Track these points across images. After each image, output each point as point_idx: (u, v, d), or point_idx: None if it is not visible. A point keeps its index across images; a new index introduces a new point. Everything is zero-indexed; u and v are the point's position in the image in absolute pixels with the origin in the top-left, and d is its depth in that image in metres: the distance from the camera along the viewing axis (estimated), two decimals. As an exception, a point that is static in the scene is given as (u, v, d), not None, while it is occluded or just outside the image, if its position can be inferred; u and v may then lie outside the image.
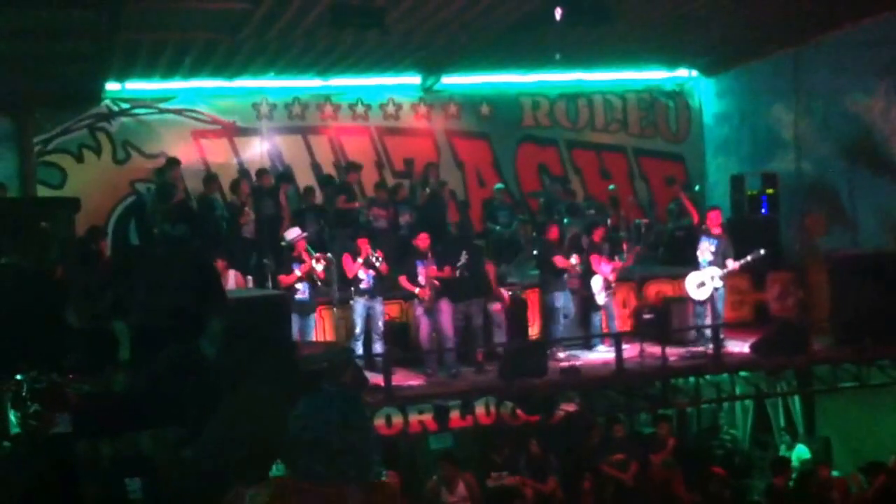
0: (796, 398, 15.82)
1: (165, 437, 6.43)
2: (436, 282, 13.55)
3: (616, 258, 14.94)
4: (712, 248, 14.41)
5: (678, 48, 17.35)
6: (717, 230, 14.56)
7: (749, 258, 14.18)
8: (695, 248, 14.69)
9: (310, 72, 16.61)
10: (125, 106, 16.38)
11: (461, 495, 11.98)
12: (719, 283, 14.34)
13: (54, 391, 5.80)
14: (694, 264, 14.57)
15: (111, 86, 15.94)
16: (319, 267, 13.58)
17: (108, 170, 16.33)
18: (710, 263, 14.36)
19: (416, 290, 13.62)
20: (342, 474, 7.71)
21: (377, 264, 13.53)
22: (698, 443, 15.93)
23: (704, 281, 14.35)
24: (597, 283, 14.58)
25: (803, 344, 13.99)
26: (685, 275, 14.85)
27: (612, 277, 14.66)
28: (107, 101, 16.26)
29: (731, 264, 14.23)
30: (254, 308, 9.15)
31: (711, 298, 14.39)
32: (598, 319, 14.89)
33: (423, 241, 13.83)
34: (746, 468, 15.48)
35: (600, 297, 14.60)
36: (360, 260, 13.54)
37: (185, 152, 16.38)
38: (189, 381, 6.39)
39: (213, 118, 16.89)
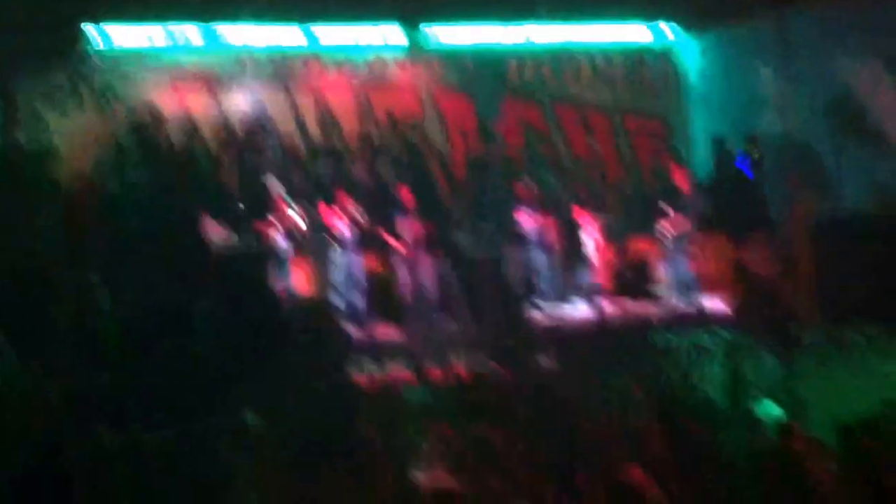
0: (772, 357, 15.93)
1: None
2: (418, 239, 13.61)
3: (599, 215, 15.07)
4: (670, 207, 14.66)
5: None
6: (683, 188, 14.75)
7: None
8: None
9: (293, 23, 16.57)
10: (107, 55, 16.30)
11: (437, 448, 12.05)
12: (670, 240, 14.63)
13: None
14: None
15: (93, 34, 15.85)
16: (298, 218, 13.61)
17: (91, 121, 16.22)
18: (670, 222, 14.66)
19: (398, 244, 13.67)
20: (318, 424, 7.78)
21: (358, 217, 13.57)
22: (673, 398, 16.03)
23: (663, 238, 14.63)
24: (586, 239, 14.71)
25: (781, 303, 14.13)
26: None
27: (598, 234, 14.78)
28: (90, 52, 16.15)
29: (669, 225, 14.46)
30: (235, 260, 9.23)
31: (671, 256, 14.63)
32: (584, 275, 14.99)
33: (406, 194, 13.87)
34: (720, 424, 15.59)
35: (592, 254, 14.75)
36: (340, 212, 13.57)
37: (168, 105, 16.30)
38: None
39: (197, 71, 16.81)
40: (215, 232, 13.85)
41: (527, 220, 14.60)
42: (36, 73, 15.76)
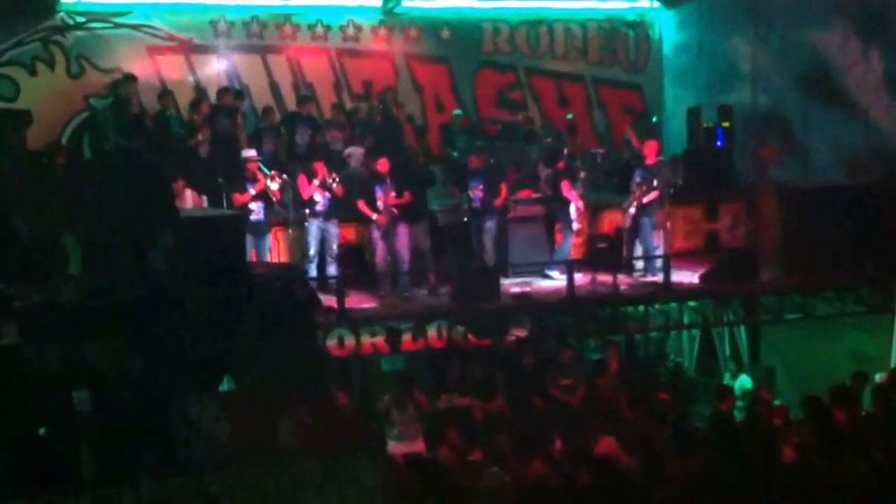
0: (742, 328, 16.07)
1: (113, 349, 6.46)
2: (394, 209, 13.60)
3: (573, 185, 15.08)
4: (637, 179, 14.68)
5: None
6: (650, 160, 14.77)
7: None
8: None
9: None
10: (80, 19, 16.09)
11: (411, 415, 12.12)
12: (633, 212, 14.65)
13: (1, 300, 5.80)
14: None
15: (66, -2, 15.72)
16: (274, 186, 13.56)
17: (62, 84, 16.08)
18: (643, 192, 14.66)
19: (374, 216, 13.65)
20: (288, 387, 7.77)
21: (333, 186, 13.54)
22: (645, 369, 16.17)
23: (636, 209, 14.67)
24: (573, 210, 14.73)
25: (751, 273, 14.22)
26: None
27: (580, 204, 14.81)
28: (62, 14, 15.96)
29: (642, 196, 14.53)
30: (208, 227, 9.17)
31: (638, 228, 14.65)
32: (568, 246, 15.01)
33: (382, 165, 13.83)
34: (691, 394, 15.75)
35: (575, 225, 14.78)
36: (316, 182, 13.53)
37: (141, 68, 16.12)
38: (139, 295, 6.43)
39: (170, 34, 16.63)
40: (189, 197, 13.79)
41: (501, 190, 14.59)
42: (8, 34, 15.59)
